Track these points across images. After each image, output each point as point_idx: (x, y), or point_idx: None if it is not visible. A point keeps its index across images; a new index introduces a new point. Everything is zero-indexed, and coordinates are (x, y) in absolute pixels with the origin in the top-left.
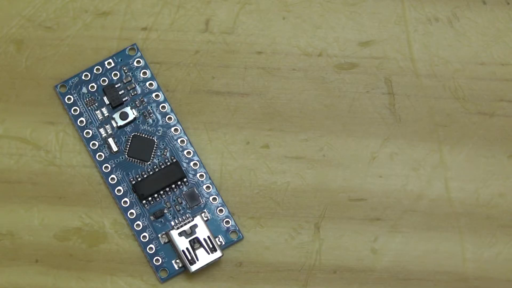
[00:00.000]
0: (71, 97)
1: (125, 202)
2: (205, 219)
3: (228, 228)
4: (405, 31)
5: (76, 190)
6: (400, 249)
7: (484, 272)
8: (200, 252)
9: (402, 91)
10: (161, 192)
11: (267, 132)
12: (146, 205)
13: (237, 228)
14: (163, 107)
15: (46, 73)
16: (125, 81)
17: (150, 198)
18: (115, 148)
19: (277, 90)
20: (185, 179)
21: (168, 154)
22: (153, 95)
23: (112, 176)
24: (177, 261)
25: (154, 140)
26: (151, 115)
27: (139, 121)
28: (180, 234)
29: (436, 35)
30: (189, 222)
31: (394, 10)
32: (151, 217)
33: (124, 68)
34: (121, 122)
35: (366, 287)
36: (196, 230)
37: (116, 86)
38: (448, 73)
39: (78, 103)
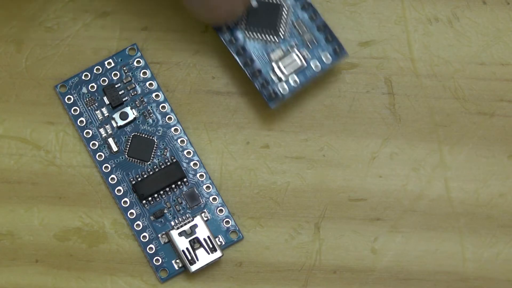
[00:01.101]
0: (71, 97)
1: (125, 202)
2: (205, 219)
3: (228, 228)
4: (405, 31)
5: (76, 190)
6: (400, 249)
7: (484, 272)
8: (200, 252)
9: (402, 91)
10: (161, 192)
11: (267, 132)
12: (146, 205)
13: (237, 228)
14: (163, 107)
15: (46, 73)
16: (125, 81)
17: (150, 198)
18: (115, 148)
19: None
20: (185, 179)
21: (168, 154)
22: (153, 95)
23: (112, 176)
24: (177, 261)
25: (154, 140)
26: (151, 115)
27: (139, 121)
28: (180, 234)
29: (436, 35)
30: (189, 222)
31: (394, 10)
32: (151, 217)
33: (124, 68)
34: (121, 122)
35: (366, 287)
36: (196, 230)
37: (116, 86)
38: (448, 73)
39: (78, 103)
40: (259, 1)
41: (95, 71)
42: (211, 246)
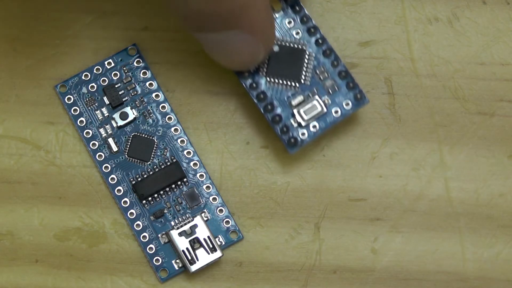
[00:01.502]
0: (71, 97)
1: (125, 202)
2: (205, 219)
3: (228, 228)
4: (405, 31)
5: (76, 190)
6: (400, 249)
7: (484, 272)
8: (200, 252)
9: (402, 91)
10: (161, 192)
11: (267, 132)
12: (146, 205)
13: (237, 228)
14: (163, 107)
15: (46, 73)
16: (125, 81)
17: (150, 198)
18: (115, 148)
19: None
20: (185, 179)
21: (168, 154)
22: (153, 95)
23: (112, 176)
24: (177, 261)
25: (154, 140)
26: (151, 115)
27: (139, 121)
28: (180, 234)
29: (436, 35)
30: (189, 222)
31: (394, 10)
32: (151, 217)
33: (124, 68)
34: (121, 122)
35: (366, 287)
36: (196, 230)
37: (116, 86)
38: (448, 73)
39: (78, 103)
40: (281, 45)
41: (95, 71)
42: (211, 246)
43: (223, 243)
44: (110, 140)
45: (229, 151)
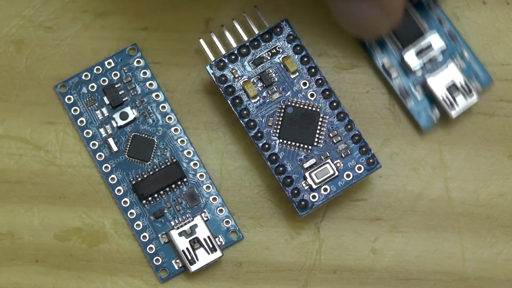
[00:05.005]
0: (71, 97)
1: (125, 202)
2: (205, 219)
3: (228, 228)
4: None
5: (76, 190)
6: (400, 249)
7: (484, 272)
8: (200, 252)
9: None
10: (161, 192)
11: None
12: (146, 205)
13: (237, 228)
14: (163, 107)
15: (46, 73)
16: (125, 81)
17: (150, 198)
18: (115, 148)
19: None
20: (185, 179)
21: (168, 154)
22: (153, 95)
23: (112, 176)
24: (177, 261)
25: (154, 140)
26: (151, 115)
27: (139, 121)
28: (180, 234)
29: None
30: (189, 222)
31: None
32: (151, 217)
33: (124, 68)
34: (121, 122)
35: (366, 287)
36: (196, 230)
37: (116, 86)
38: None
39: (78, 103)
40: (295, 107)
41: (95, 71)
42: (211, 246)
43: (223, 243)
44: (110, 140)
45: (229, 151)
